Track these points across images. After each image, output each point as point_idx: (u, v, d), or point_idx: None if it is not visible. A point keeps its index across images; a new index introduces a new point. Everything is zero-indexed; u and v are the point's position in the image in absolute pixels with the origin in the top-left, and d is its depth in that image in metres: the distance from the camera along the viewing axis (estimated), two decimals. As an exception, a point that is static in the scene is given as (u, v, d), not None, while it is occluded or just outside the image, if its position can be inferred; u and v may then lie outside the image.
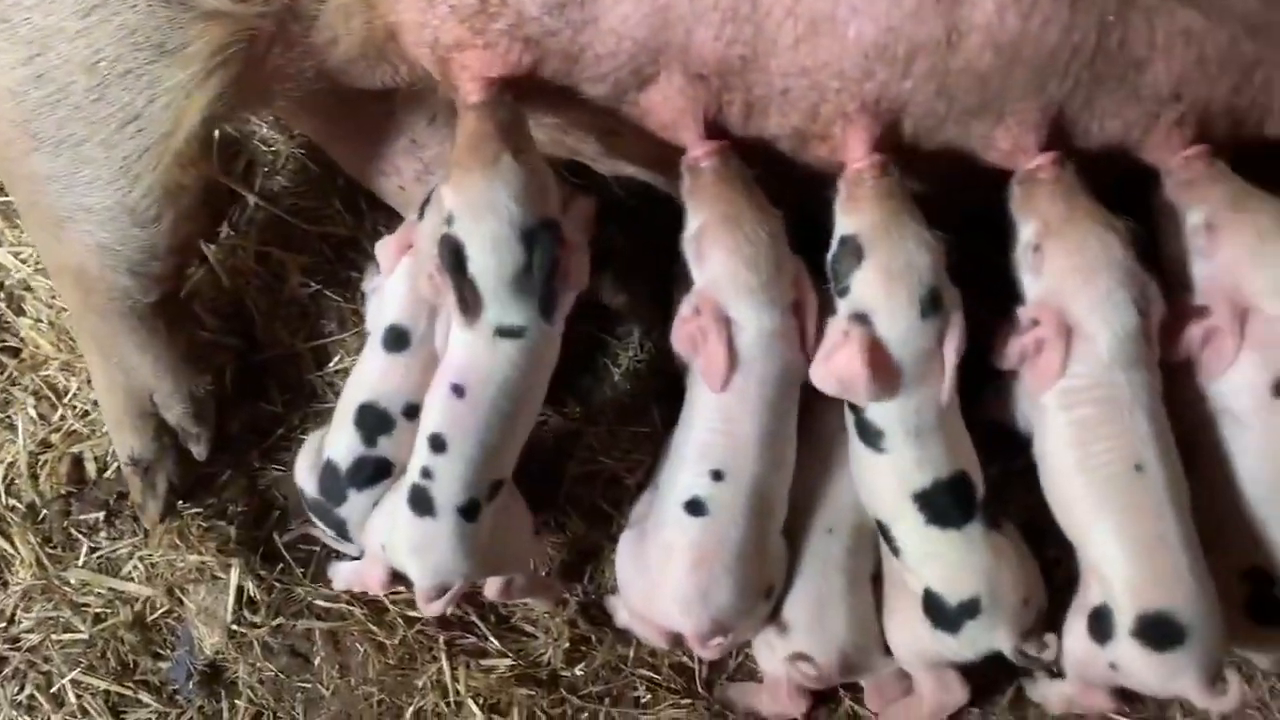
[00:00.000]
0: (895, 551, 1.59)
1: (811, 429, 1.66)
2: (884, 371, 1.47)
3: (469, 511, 1.52)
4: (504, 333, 1.50)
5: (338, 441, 1.68)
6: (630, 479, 1.82)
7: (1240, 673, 1.47)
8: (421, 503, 1.52)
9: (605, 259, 1.87)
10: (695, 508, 1.54)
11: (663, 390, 1.84)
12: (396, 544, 1.55)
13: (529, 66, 1.49)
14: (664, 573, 1.56)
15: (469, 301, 1.47)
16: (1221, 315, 1.48)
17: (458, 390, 1.51)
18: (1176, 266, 1.54)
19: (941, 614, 1.55)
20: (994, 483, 1.67)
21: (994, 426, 1.66)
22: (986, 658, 1.59)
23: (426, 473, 1.51)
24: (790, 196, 1.57)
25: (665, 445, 1.70)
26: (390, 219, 1.93)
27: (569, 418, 1.87)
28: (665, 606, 1.57)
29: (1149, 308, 1.47)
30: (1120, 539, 1.47)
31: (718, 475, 1.54)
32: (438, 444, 1.51)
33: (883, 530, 1.60)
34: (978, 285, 1.53)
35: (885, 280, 1.46)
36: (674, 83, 1.49)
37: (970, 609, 1.53)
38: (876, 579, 1.67)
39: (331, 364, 1.93)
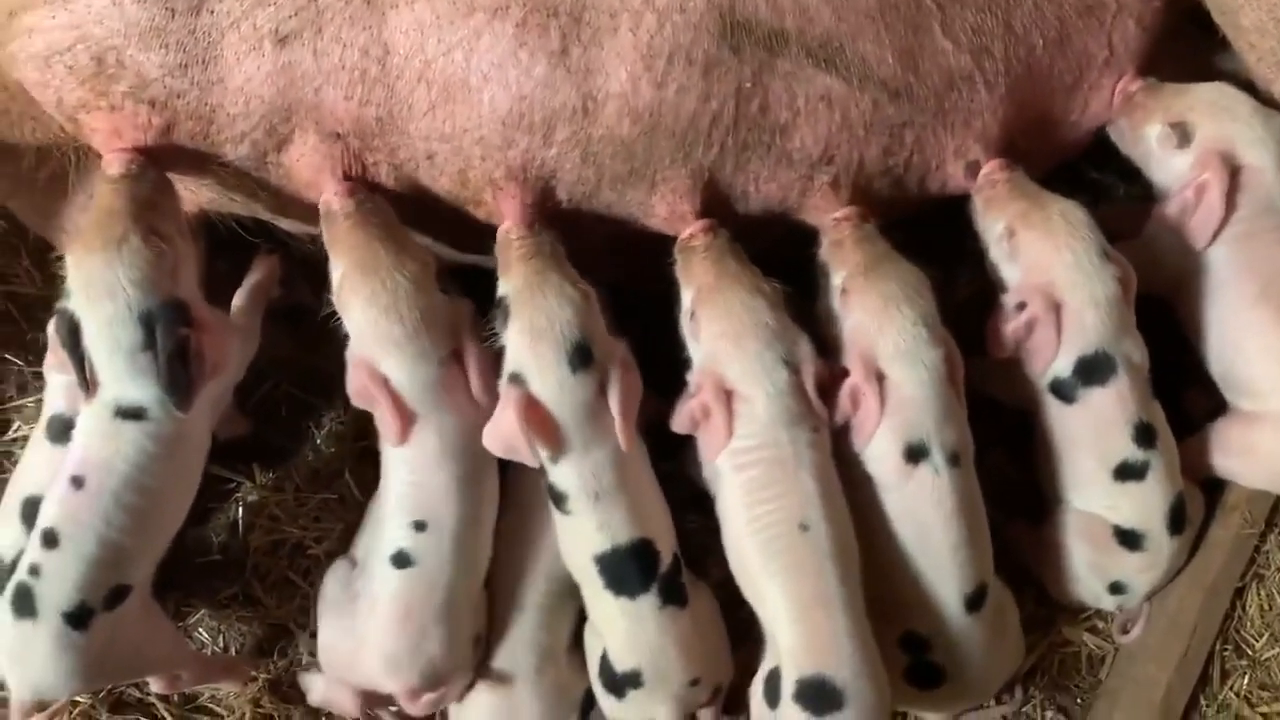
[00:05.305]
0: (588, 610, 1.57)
1: (513, 502, 1.62)
2: (545, 430, 1.44)
3: (77, 618, 1.42)
4: (125, 414, 1.43)
5: (2, 535, 1.58)
6: (317, 548, 1.75)
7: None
8: (23, 603, 1.41)
9: (298, 319, 1.83)
10: (402, 560, 1.50)
11: (360, 453, 1.78)
12: None
13: (161, 128, 1.44)
14: (372, 630, 1.51)
15: (87, 376, 1.41)
16: (858, 377, 1.49)
17: (77, 481, 1.43)
18: (827, 326, 1.55)
19: (610, 678, 1.53)
20: (694, 540, 1.68)
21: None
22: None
23: (34, 570, 1.42)
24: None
25: (368, 509, 1.65)
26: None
27: (258, 485, 1.79)
28: (373, 666, 1.52)
29: (800, 365, 1.48)
30: (785, 601, 1.47)
31: (420, 526, 1.50)
32: (50, 539, 1.42)
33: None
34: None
35: (530, 339, 1.42)
36: (309, 141, 1.45)
37: (633, 679, 1.51)
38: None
39: (9, 432, 1.82)
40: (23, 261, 1.90)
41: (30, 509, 1.55)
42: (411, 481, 1.50)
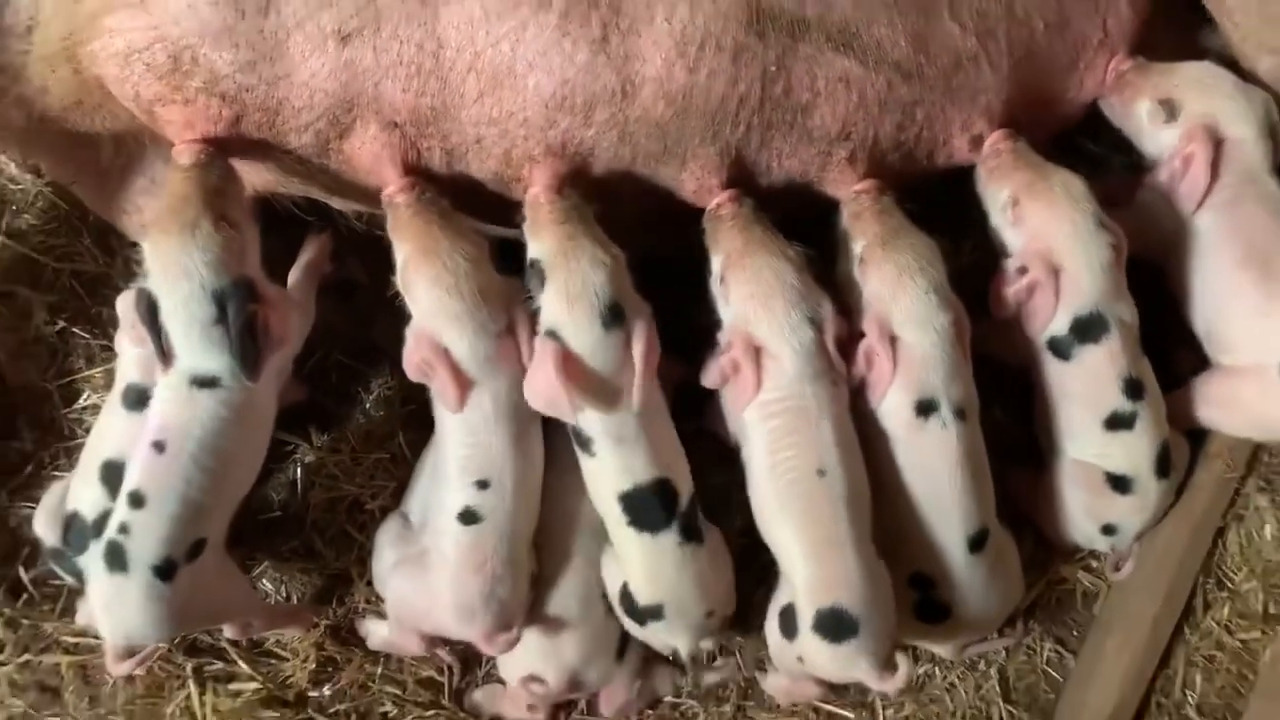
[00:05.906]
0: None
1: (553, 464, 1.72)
2: (583, 383, 1.55)
3: (164, 571, 1.55)
4: (200, 383, 1.55)
5: (83, 496, 1.71)
6: (373, 503, 1.88)
7: (910, 657, 1.62)
8: (115, 559, 1.54)
9: (348, 293, 1.95)
10: (469, 517, 1.62)
11: (409, 416, 1.91)
12: (91, 599, 1.58)
13: (231, 120, 1.55)
14: (446, 584, 1.63)
15: (164, 349, 1.53)
16: (873, 339, 1.61)
17: (159, 446, 1.55)
18: (845, 290, 1.67)
19: (632, 609, 1.66)
20: (717, 491, 1.80)
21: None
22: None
23: (123, 528, 1.55)
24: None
25: (416, 468, 1.79)
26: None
27: (315, 447, 1.91)
28: (450, 617, 1.64)
29: (824, 324, 1.60)
30: (800, 541, 1.60)
31: (483, 485, 1.62)
32: (136, 500, 1.55)
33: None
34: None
35: (566, 302, 1.54)
36: (369, 131, 1.57)
37: (655, 612, 1.64)
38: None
39: (80, 401, 1.94)
40: (85, 240, 2.00)
41: (108, 471, 1.68)
42: (471, 444, 1.62)
